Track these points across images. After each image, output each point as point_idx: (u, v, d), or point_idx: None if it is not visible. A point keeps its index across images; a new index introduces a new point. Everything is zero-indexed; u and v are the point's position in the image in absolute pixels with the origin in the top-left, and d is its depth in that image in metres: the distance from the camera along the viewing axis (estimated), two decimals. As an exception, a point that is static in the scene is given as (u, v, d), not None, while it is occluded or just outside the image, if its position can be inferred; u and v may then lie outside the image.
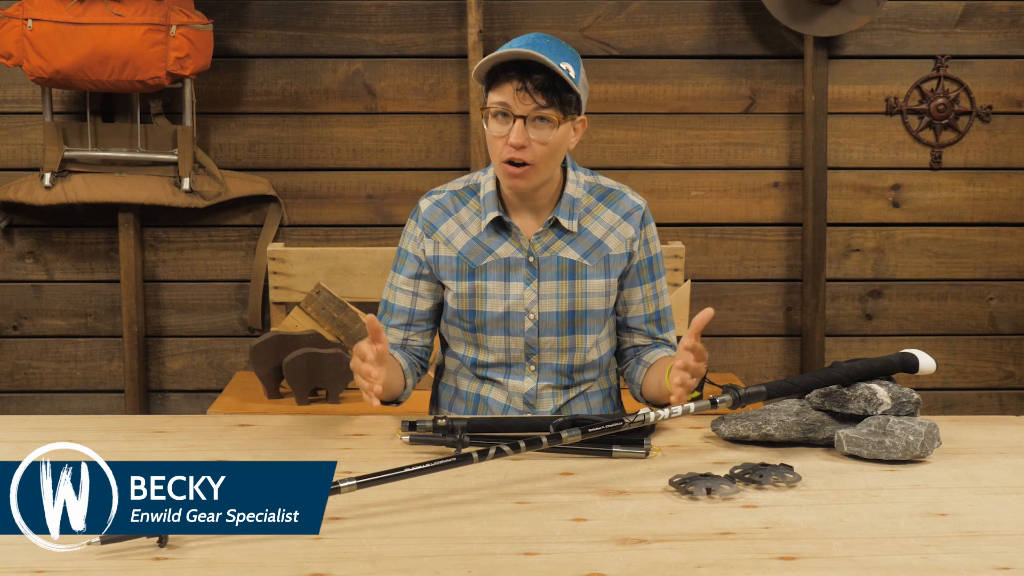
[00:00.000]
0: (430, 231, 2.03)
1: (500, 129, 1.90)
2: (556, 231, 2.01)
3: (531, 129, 1.89)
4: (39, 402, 3.52)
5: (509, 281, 2.00)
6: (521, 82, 1.87)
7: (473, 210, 2.03)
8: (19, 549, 1.33)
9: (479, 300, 2.00)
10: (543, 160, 1.91)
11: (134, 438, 1.83)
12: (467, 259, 2.01)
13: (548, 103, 1.88)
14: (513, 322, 2.00)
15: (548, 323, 2.01)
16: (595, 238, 2.02)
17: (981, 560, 1.32)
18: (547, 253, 2.00)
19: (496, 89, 1.90)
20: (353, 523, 1.43)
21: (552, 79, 1.87)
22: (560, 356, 2.03)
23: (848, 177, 3.51)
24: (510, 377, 2.05)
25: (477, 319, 2.01)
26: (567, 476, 1.63)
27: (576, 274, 2.01)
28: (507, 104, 1.88)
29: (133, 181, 3.33)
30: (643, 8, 3.45)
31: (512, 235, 2.01)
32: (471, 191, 2.05)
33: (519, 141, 1.88)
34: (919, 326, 3.58)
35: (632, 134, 3.47)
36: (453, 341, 2.09)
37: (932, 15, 3.47)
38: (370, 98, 3.44)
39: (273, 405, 2.97)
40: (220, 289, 3.50)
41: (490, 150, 1.95)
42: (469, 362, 2.07)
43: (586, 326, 2.03)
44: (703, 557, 1.32)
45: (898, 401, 1.77)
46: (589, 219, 2.02)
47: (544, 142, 1.89)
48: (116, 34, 3.07)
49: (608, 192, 2.06)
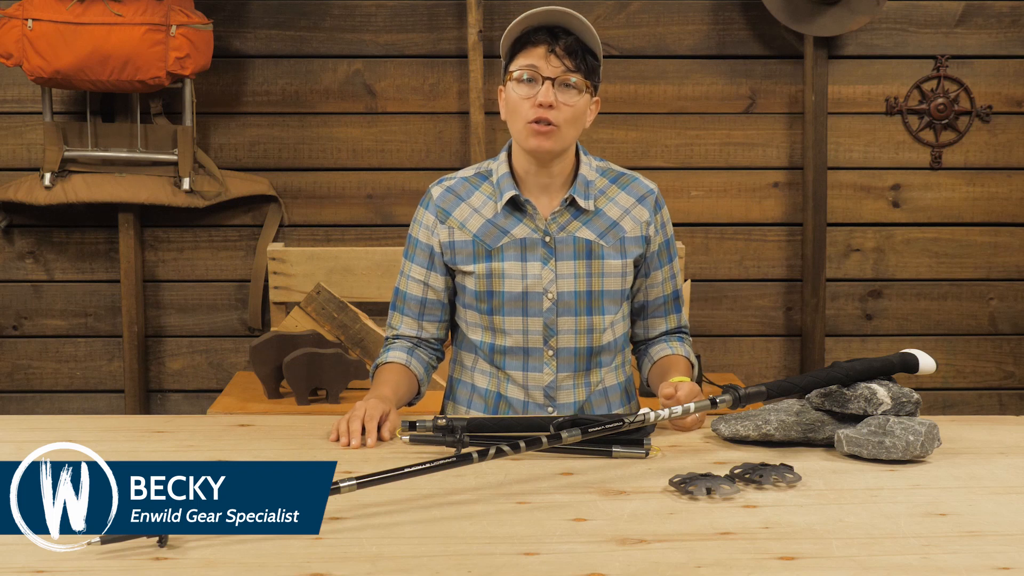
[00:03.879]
0: (444, 217, 2.04)
1: (527, 91, 1.95)
2: (572, 211, 2.03)
3: (558, 92, 1.94)
4: (39, 402, 3.52)
5: (526, 261, 2.01)
6: (551, 45, 1.93)
7: (486, 194, 2.04)
8: (19, 549, 1.33)
9: (496, 281, 2.01)
10: (568, 123, 1.95)
11: (134, 438, 1.83)
12: (483, 241, 2.02)
13: (576, 68, 1.94)
14: (532, 302, 2.01)
15: (566, 303, 2.01)
16: (610, 219, 2.05)
17: (981, 560, 1.32)
18: (563, 233, 2.02)
19: (523, 53, 1.95)
20: (353, 523, 1.43)
21: (579, 45, 1.94)
22: (578, 338, 2.03)
23: (848, 177, 3.51)
24: (529, 368, 2.03)
25: (495, 300, 2.01)
26: (567, 476, 1.63)
27: (593, 254, 2.02)
28: (536, 67, 1.93)
29: (133, 181, 3.33)
30: (643, 8, 3.45)
31: (528, 216, 2.02)
32: (483, 176, 2.07)
33: (548, 99, 1.92)
34: (919, 326, 3.58)
35: (632, 134, 3.47)
36: (471, 328, 2.07)
37: (932, 15, 3.47)
38: (370, 98, 3.44)
39: (273, 405, 2.97)
40: (220, 289, 3.50)
41: (512, 115, 1.98)
42: (487, 348, 2.05)
43: (603, 307, 2.04)
44: (703, 557, 1.32)
45: (898, 401, 1.77)
46: (604, 200, 2.06)
47: (571, 104, 1.94)
48: (116, 34, 3.07)
49: (621, 175, 2.10)
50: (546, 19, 1.94)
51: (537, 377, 2.03)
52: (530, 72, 1.94)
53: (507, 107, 1.99)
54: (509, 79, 1.97)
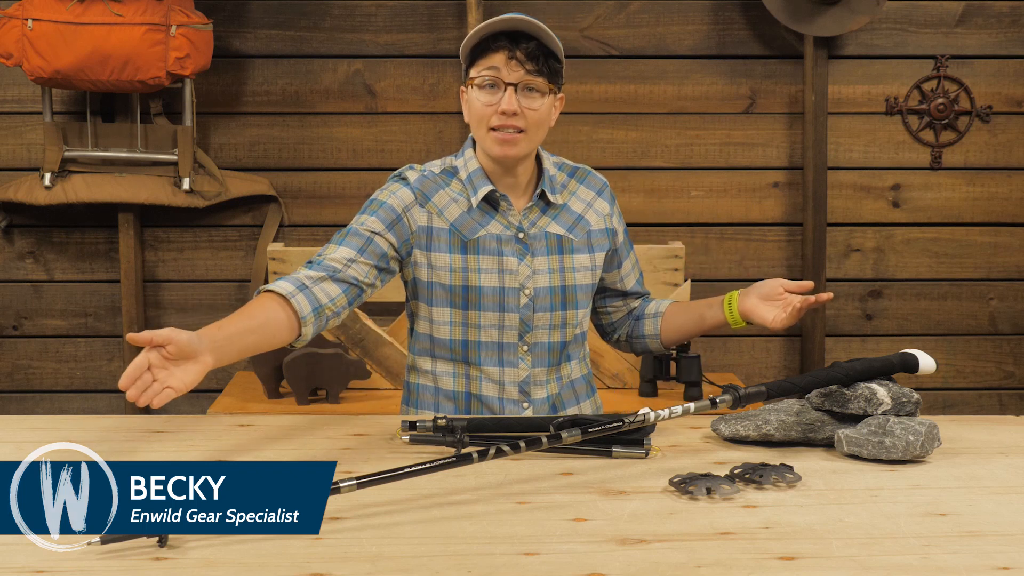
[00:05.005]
0: (423, 200, 2.01)
1: (488, 98, 1.94)
2: (541, 206, 2.05)
3: (521, 97, 1.94)
4: (39, 402, 3.52)
5: (503, 256, 2.00)
6: (511, 50, 1.93)
7: (456, 190, 2.03)
8: (19, 549, 1.33)
9: (472, 275, 1.99)
10: (534, 127, 1.96)
11: (134, 438, 1.83)
12: (460, 232, 2.00)
13: (538, 71, 1.94)
14: (508, 298, 2.00)
15: (542, 299, 2.02)
16: (576, 213, 2.08)
17: (981, 560, 1.32)
18: (535, 229, 2.04)
19: (484, 59, 1.95)
20: (353, 523, 1.43)
21: (540, 48, 1.94)
22: (552, 333, 2.04)
23: (848, 177, 3.51)
24: (504, 364, 2.03)
25: (471, 294, 1.99)
26: (567, 476, 1.63)
27: (564, 249, 2.05)
28: (498, 71, 1.93)
29: (133, 181, 3.33)
30: (643, 8, 3.45)
31: (500, 212, 2.03)
32: (449, 173, 2.05)
33: (512, 107, 1.93)
34: (919, 326, 3.58)
35: (632, 134, 3.47)
36: (437, 326, 2.02)
37: (932, 15, 3.47)
38: (370, 98, 3.44)
39: (273, 405, 2.97)
40: (220, 289, 3.50)
41: (475, 121, 1.97)
42: (460, 347, 2.02)
43: (576, 301, 2.06)
44: (703, 557, 1.32)
45: (898, 401, 1.77)
46: (567, 195, 2.09)
47: (535, 108, 1.95)
48: (116, 34, 3.07)
49: (576, 169, 2.14)
50: (505, 25, 1.94)
51: (512, 372, 2.03)
52: (492, 77, 1.93)
53: (470, 112, 1.99)
54: (471, 84, 1.97)
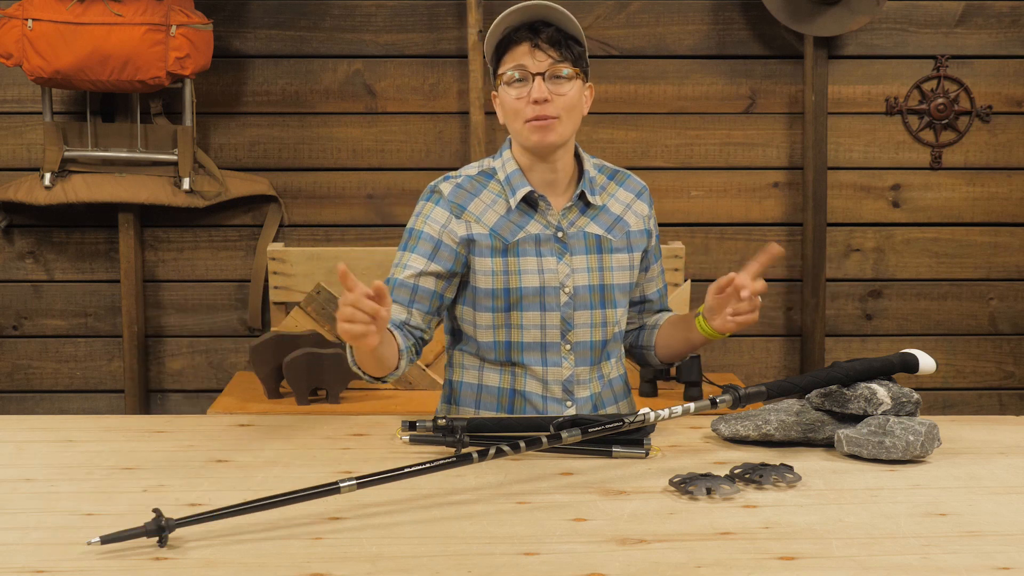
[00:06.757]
0: (459, 212, 2.03)
1: (519, 92, 1.96)
2: (580, 207, 2.06)
3: (550, 85, 1.95)
4: (39, 402, 3.52)
5: (542, 256, 2.02)
6: (533, 40, 1.95)
7: (495, 192, 2.05)
8: (19, 549, 1.33)
9: (513, 277, 2.01)
10: (567, 112, 1.97)
11: (134, 438, 1.83)
12: (500, 235, 2.02)
13: (562, 57, 1.96)
14: (549, 297, 2.02)
15: (582, 297, 2.03)
16: (615, 214, 2.09)
17: (981, 560, 1.32)
18: (574, 229, 2.05)
19: (508, 55, 1.97)
20: (353, 523, 1.43)
21: (561, 34, 1.96)
22: (593, 332, 2.05)
23: (848, 177, 3.51)
24: (548, 363, 2.04)
25: (513, 296, 2.01)
26: (567, 476, 1.63)
27: (603, 248, 2.06)
28: (523, 64, 1.95)
29: (133, 181, 3.33)
30: (643, 8, 3.45)
31: (539, 212, 2.04)
32: (487, 175, 2.07)
33: (542, 95, 1.94)
34: (919, 326, 3.58)
35: (632, 134, 3.47)
36: (481, 331, 2.04)
37: (932, 15, 3.47)
38: (370, 98, 3.44)
39: (273, 405, 2.97)
40: (220, 289, 3.50)
41: (510, 117, 1.99)
42: (503, 348, 2.03)
43: (615, 300, 2.07)
44: (703, 557, 1.32)
45: (898, 401, 1.77)
46: (606, 196, 2.10)
47: (564, 93, 1.96)
48: (116, 34, 3.07)
49: (616, 172, 2.15)
50: (524, 16, 1.96)
51: (556, 371, 2.04)
52: (520, 72, 1.95)
53: (504, 110, 2.00)
54: (500, 83, 1.99)
